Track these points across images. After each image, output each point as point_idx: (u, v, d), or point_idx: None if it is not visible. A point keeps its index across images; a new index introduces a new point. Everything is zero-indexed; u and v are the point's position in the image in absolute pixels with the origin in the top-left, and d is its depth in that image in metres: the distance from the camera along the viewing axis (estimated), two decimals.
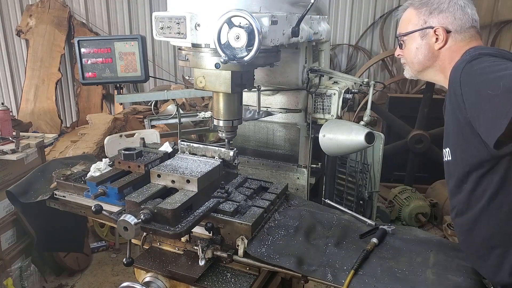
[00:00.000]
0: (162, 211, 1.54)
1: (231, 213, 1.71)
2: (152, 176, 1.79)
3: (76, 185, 2.05)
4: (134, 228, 1.47)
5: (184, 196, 1.65)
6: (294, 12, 1.81)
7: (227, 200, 1.80)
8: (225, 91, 1.77)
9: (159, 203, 1.59)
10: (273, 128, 2.41)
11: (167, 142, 2.26)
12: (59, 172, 2.17)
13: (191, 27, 1.62)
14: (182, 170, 1.78)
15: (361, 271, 1.55)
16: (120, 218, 1.49)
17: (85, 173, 2.15)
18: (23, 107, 6.47)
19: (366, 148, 2.14)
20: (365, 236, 1.78)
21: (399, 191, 4.86)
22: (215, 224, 1.68)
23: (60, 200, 2.09)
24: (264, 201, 1.88)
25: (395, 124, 5.12)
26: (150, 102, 4.77)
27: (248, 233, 1.65)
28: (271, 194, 1.96)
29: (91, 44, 2.34)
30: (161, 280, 1.67)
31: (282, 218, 1.88)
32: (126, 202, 1.63)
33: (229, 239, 1.68)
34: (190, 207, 1.66)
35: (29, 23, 6.51)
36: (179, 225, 1.56)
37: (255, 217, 1.71)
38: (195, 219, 1.61)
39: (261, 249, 1.63)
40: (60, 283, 3.80)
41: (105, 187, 1.87)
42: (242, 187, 1.98)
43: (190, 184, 1.70)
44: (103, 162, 2.10)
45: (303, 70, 2.22)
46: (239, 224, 1.67)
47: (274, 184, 2.07)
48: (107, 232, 4.41)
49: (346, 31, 7.17)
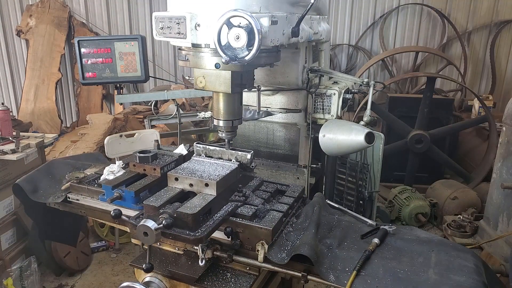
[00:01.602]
0: (182, 215, 1.51)
1: (250, 217, 1.68)
2: (170, 179, 1.75)
3: (90, 188, 2.00)
4: (155, 233, 1.43)
5: (203, 200, 1.61)
6: (294, 12, 1.81)
7: (244, 203, 1.77)
8: (225, 91, 1.76)
9: (178, 207, 1.56)
10: (273, 128, 2.41)
11: (182, 145, 2.22)
12: (72, 174, 2.12)
13: (191, 27, 1.61)
14: (200, 173, 1.75)
15: (363, 272, 1.55)
16: (139, 223, 1.45)
17: (98, 176, 2.10)
18: (23, 107, 6.47)
19: (366, 148, 2.14)
20: (366, 237, 1.78)
21: (399, 191, 4.86)
22: (234, 228, 1.65)
23: (74, 203, 2.04)
24: (282, 205, 1.83)
25: (395, 124, 5.12)
26: (150, 102, 4.78)
27: (268, 238, 1.62)
28: (289, 197, 1.92)
29: (91, 44, 2.34)
30: (161, 280, 1.67)
31: (300, 221, 1.83)
32: (145, 207, 1.60)
33: (248, 244, 1.65)
34: (208, 211, 1.63)
35: (29, 23, 6.51)
36: (199, 230, 1.52)
37: (274, 221, 1.67)
38: (215, 223, 1.57)
39: (282, 255, 1.60)
40: (60, 283, 3.80)
41: (121, 191, 1.83)
42: (259, 190, 1.95)
43: (208, 187, 1.67)
44: (117, 165, 2.04)
45: (303, 70, 2.22)
46: (259, 228, 1.63)
47: (290, 187, 2.03)
48: (107, 232, 4.41)
49: (346, 31, 7.17)
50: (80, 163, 2.42)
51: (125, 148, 3.93)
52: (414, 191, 4.82)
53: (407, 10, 6.91)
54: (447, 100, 5.68)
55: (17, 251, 3.64)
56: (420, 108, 4.98)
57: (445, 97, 6.03)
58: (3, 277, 3.29)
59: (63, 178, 2.22)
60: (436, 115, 5.23)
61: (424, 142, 4.97)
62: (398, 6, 6.89)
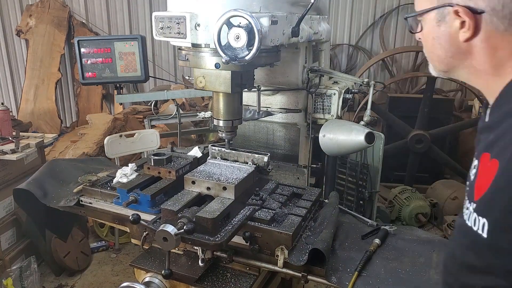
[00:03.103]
0: (201, 220, 1.48)
1: (268, 222, 1.65)
2: (186, 182, 1.73)
3: (103, 191, 1.97)
4: (175, 238, 1.40)
5: (221, 205, 1.59)
6: (294, 12, 1.81)
7: (262, 207, 1.74)
8: (225, 91, 1.76)
9: (197, 211, 1.54)
10: (273, 128, 2.41)
11: (196, 147, 2.18)
12: (84, 177, 2.07)
13: (191, 27, 1.61)
14: (217, 176, 1.73)
15: (364, 273, 1.55)
16: (159, 228, 1.42)
17: (110, 179, 2.06)
18: (23, 107, 6.47)
19: (366, 148, 2.14)
20: (367, 237, 1.78)
21: (399, 191, 4.86)
22: (252, 233, 1.62)
23: (86, 207, 2.00)
24: (300, 209, 1.80)
25: (395, 124, 5.12)
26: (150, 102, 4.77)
27: (288, 242, 1.59)
28: (307, 201, 1.89)
29: (91, 44, 2.34)
30: (161, 280, 1.67)
31: (318, 224, 1.81)
32: (162, 211, 1.57)
33: (267, 249, 1.62)
34: (227, 215, 1.61)
35: (29, 23, 6.51)
36: (218, 235, 1.49)
37: (294, 226, 1.64)
38: (235, 228, 1.54)
39: (303, 257, 1.58)
40: (60, 283, 3.79)
41: (137, 194, 1.79)
42: (275, 194, 1.92)
43: (226, 191, 1.65)
44: (129, 168, 2.00)
45: (303, 70, 2.21)
46: (278, 233, 1.60)
47: (306, 190, 2.00)
48: (107, 232, 4.41)
49: (346, 31, 7.17)
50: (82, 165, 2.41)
51: (125, 148, 3.92)
52: (414, 191, 4.82)
53: (407, 10, 6.90)
54: (447, 100, 5.68)
55: (17, 251, 3.63)
56: (420, 108, 4.98)
57: (445, 97, 6.03)
58: (3, 277, 3.29)
59: (69, 179, 2.19)
60: (436, 115, 5.22)
61: (424, 142, 4.97)
62: (398, 6, 6.89)
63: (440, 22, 1.02)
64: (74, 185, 2.12)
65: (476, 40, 0.98)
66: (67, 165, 2.39)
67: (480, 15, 0.95)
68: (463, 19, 0.97)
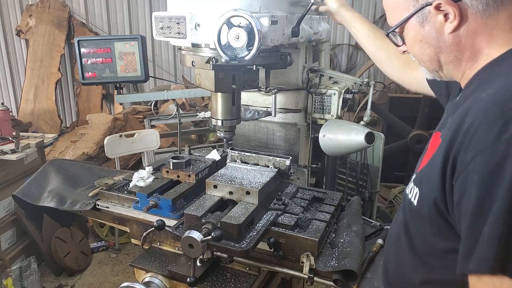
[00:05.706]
0: (226, 226, 1.44)
1: (292, 227, 1.62)
2: (208, 186, 1.69)
3: (120, 195, 1.90)
4: (201, 245, 1.37)
5: (245, 210, 1.55)
6: (294, 12, 1.81)
7: (284, 212, 1.70)
8: (210, 88, 1.75)
9: (220, 216, 1.50)
10: (273, 128, 2.41)
11: (215, 150, 2.14)
12: (100, 181, 2.01)
13: (191, 27, 1.61)
14: (239, 180, 1.68)
15: (368, 274, 1.54)
16: (184, 234, 1.38)
17: (126, 182, 2.01)
18: (23, 107, 6.47)
19: (366, 148, 2.14)
20: (370, 238, 1.77)
21: (399, 191, 4.86)
22: (276, 238, 1.58)
23: (103, 211, 1.95)
24: (324, 214, 1.76)
25: (395, 124, 5.12)
26: (150, 102, 4.77)
27: (314, 249, 1.54)
28: (330, 206, 1.84)
29: (91, 44, 2.34)
30: (161, 280, 1.67)
31: (340, 224, 1.79)
32: (186, 216, 1.54)
33: (292, 255, 1.58)
34: (251, 220, 1.57)
35: (29, 23, 6.50)
36: (243, 241, 1.46)
37: (319, 231, 1.60)
38: (260, 233, 1.51)
39: (331, 262, 1.55)
40: (60, 283, 3.80)
41: (157, 199, 1.74)
42: (296, 198, 1.88)
43: (250, 196, 1.60)
44: (146, 171, 1.95)
45: (303, 70, 2.22)
46: (304, 239, 1.55)
47: (328, 194, 1.96)
48: (107, 232, 4.41)
49: (346, 31, 7.13)
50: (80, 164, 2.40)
51: (125, 148, 3.92)
52: None
53: None
54: None
55: (17, 251, 3.64)
56: (420, 108, 4.98)
57: None
58: (3, 277, 3.29)
59: (75, 180, 2.17)
60: (436, 115, 5.20)
61: (424, 142, 4.96)
62: None
63: (423, 23, 1.05)
64: (84, 188, 2.10)
65: (462, 30, 1.01)
66: (67, 165, 2.39)
67: (461, 1, 0.98)
68: (445, 11, 1.00)
